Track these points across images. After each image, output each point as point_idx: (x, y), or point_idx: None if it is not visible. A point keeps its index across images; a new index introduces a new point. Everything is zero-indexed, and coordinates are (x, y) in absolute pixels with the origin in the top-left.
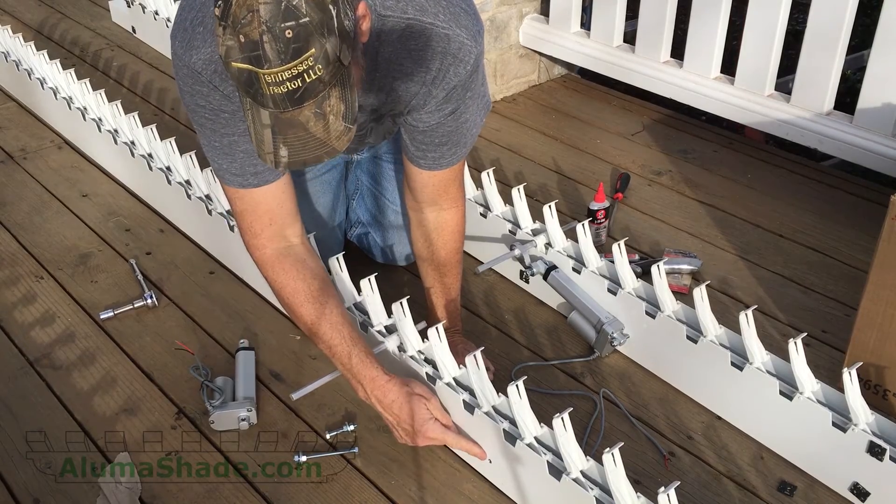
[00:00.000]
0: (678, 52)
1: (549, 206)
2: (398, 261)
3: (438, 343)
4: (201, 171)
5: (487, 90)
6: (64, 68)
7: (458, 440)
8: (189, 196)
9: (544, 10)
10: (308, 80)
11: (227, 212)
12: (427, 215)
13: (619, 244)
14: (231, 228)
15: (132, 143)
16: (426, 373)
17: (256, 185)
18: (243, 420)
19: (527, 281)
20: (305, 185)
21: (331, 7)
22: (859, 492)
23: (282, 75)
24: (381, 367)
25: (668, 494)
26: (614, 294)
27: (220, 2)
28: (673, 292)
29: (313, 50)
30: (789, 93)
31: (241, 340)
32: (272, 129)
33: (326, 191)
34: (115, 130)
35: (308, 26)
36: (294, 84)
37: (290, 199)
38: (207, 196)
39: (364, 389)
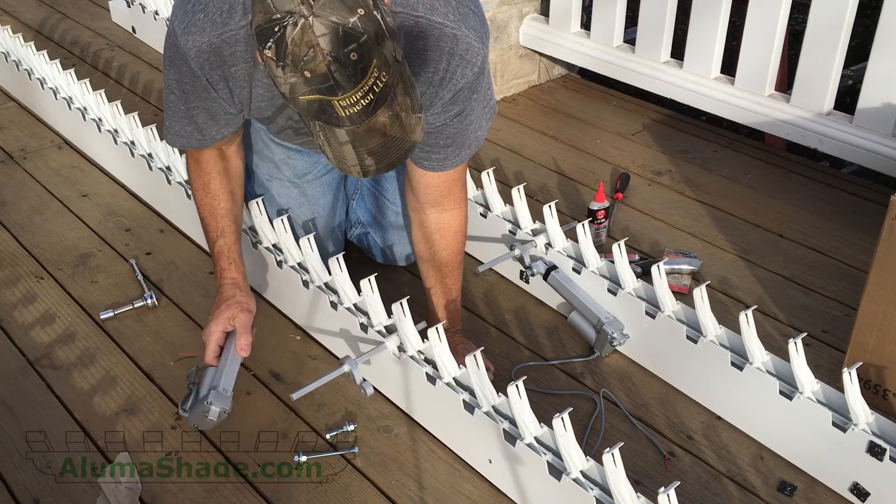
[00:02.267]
0: (678, 52)
1: (549, 206)
2: (398, 261)
3: (438, 343)
4: None
5: (493, 94)
6: (64, 68)
7: (210, 357)
8: (189, 196)
9: (544, 11)
10: (378, 90)
11: None
12: (429, 216)
13: (619, 244)
14: None
15: (132, 143)
16: (426, 373)
17: (200, 147)
18: (217, 415)
19: (527, 281)
20: (305, 187)
21: (375, 13)
22: (859, 492)
23: (355, 96)
24: (235, 264)
25: (668, 494)
26: (614, 294)
27: (270, 44)
28: (673, 292)
29: (375, 61)
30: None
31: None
32: (352, 144)
33: (327, 192)
34: (115, 130)
35: (367, 42)
36: (367, 99)
37: (233, 138)
38: None
39: (215, 276)
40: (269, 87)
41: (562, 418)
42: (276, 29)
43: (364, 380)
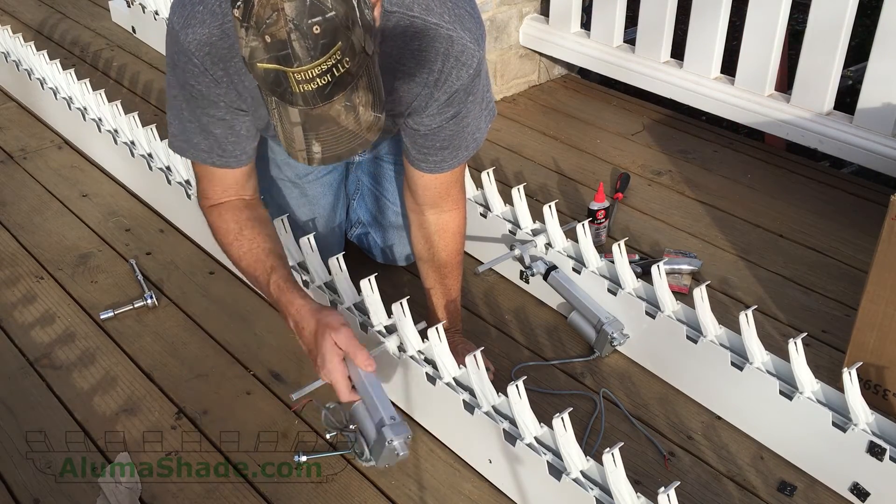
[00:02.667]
0: (678, 52)
1: (549, 206)
2: (398, 261)
3: (438, 343)
4: None
5: (492, 96)
6: (64, 68)
7: (348, 396)
8: (189, 196)
9: (544, 11)
10: (337, 74)
11: None
12: (428, 217)
13: (619, 244)
14: None
15: (132, 143)
16: (426, 373)
17: (221, 165)
18: (405, 447)
19: (527, 281)
20: (306, 187)
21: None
22: (859, 492)
23: (312, 72)
24: (298, 292)
25: (668, 494)
26: (614, 294)
27: (239, 3)
28: (673, 292)
29: (340, 43)
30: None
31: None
32: (303, 126)
33: (327, 192)
34: (115, 130)
35: (334, 20)
36: (324, 80)
37: (249, 182)
38: None
39: (284, 315)
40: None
41: (562, 418)
42: None
43: None
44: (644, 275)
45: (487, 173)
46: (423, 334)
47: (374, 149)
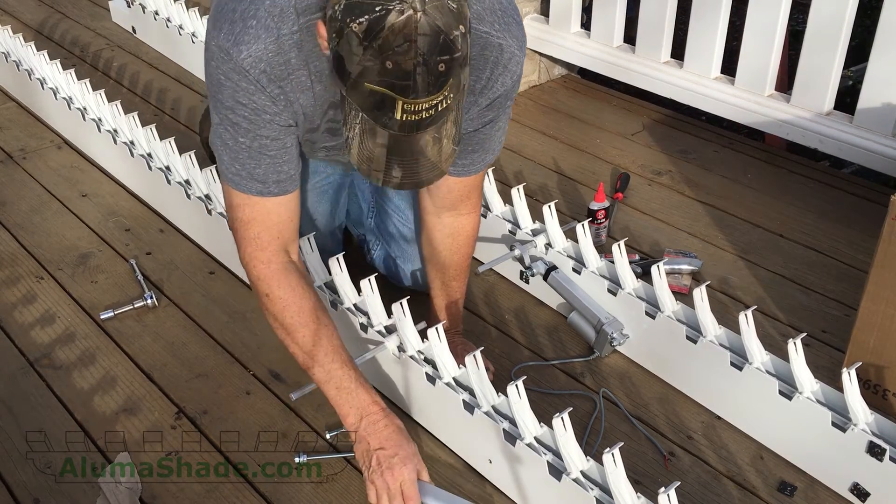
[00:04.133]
0: (678, 52)
1: (549, 206)
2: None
3: (438, 343)
4: (200, 170)
5: (504, 132)
6: (64, 68)
7: None
8: (189, 196)
9: (544, 10)
10: (440, 109)
11: None
12: (444, 220)
13: (619, 244)
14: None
15: (132, 143)
16: (426, 373)
17: (277, 193)
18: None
19: (527, 281)
20: (305, 195)
21: (469, 37)
22: (859, 492)
23: (421, 105)
24: (376, 395)
25: (668, 494)
26: (614, 294)
27: (362, 20)
28: (673, 292)
29: (452, 80)
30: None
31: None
32: (388, 150)
33: (323, 200)
34: (115, 130)
35: (457, 60)
36: (428, 113)
37: (297, 213)
38: (207, 196)
39: (357, 414)
40: (319, 94)
41: (562, 418)
42: (378, 8)
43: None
44: (644, 275)
45: (487, 173)
46: (423, 334)
47: None
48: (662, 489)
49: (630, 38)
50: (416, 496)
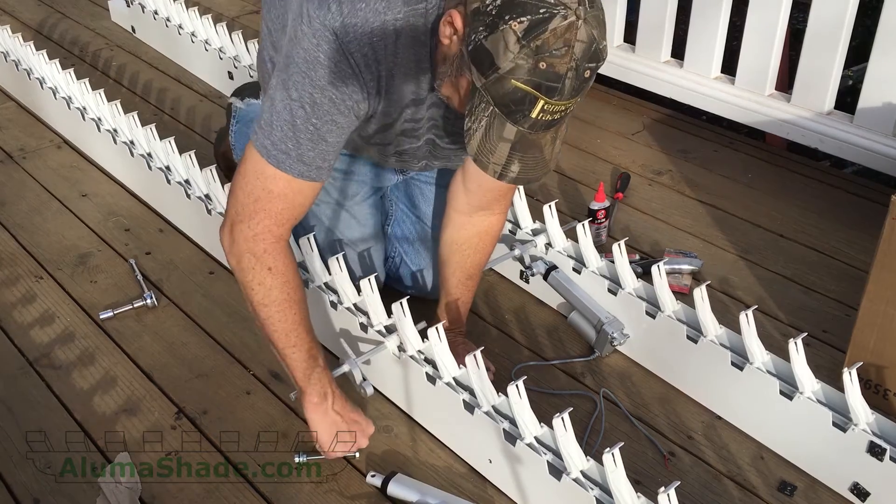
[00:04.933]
0: (678, 52)
1: (549, 206)
2: (428, 287)
3: (438, 343)
4: (200, 170)
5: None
6: (63, 68)
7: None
8: (188, 196)
9: None
10: (569, 112)
11: None
12: (475, 219)
13: (619, 244)
14: None
15: (132, 142)
16: (426, 373)
17: (314, 179)
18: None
19: (527, 281)
20: (354, 210)
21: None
22: (859, 492)
23: (560, 106)
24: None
25: (668, 494)
26: (614, 294)
27: (524, 19)
28: (673, 292)
29: (587, 87)
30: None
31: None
32: (513, 146)
33: (375, 212)
34: (115, 130)
35: (598, 67)
36: (561, 115)
37: (313, 203)
38: (207, 196)
39: (331, 397)
40: (401, 86)
41: (562, 418)
42: (543, 11)
43: (364, 380)
44: (644, 275)
45: None
46: (423, 334)
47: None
48: (662, 489)
49: (630, 38)
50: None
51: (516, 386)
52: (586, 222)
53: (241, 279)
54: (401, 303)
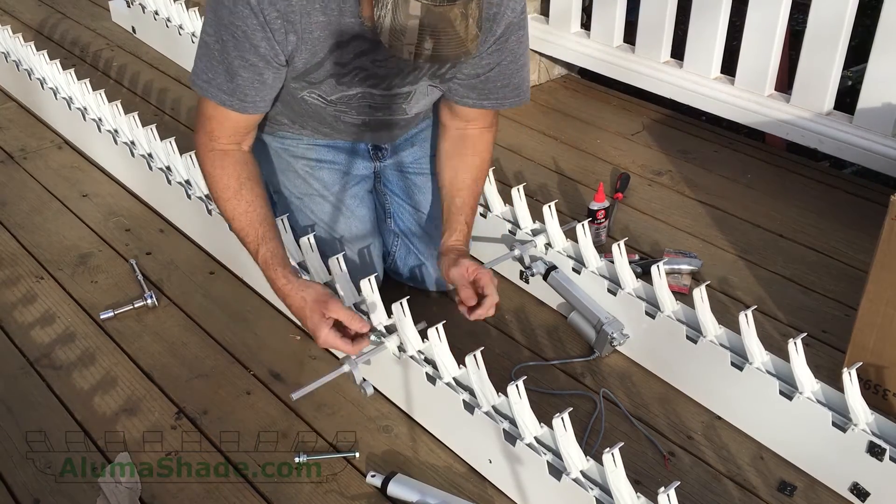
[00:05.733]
0: (678, 52)
1: (549, 206)
2: (428, 284)
3: (438, 343)
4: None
5: (528, 70)
6: (64, 68)
7: (352, 348)
8: (189, 196)
9: (544, 11)
10: None
11: None
12: (460, 125)
13: (619, 244)
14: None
15: (132, 143)
16: (426, 373)
17: (237, 109)
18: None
19: (527, 281)
20: (342, 200)
21: None
22: (859, 492)
23: None
24: (282, 268)
25: (668, 494)
26: (614, 294)
27: None
28: (673, 292)
29: None
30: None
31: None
32: (420, 22)
33: (360, 205)
34: (116, 130)
35: None
36: None
37: (254, 132)
38: (207, 196)
39: (270, 284)
40: (323, 25)
41: (562, 418)
42: None
43: (364, 380)
44: (644, 275)
45: (488, 174)
46: (423, 334)
47: (398, 159)
48: (662, 489)
49: (630, 38)
50: (333, 344)
51: (516, 386)
52: (586, 222)
53: (201, 171)
54: (401, 303)
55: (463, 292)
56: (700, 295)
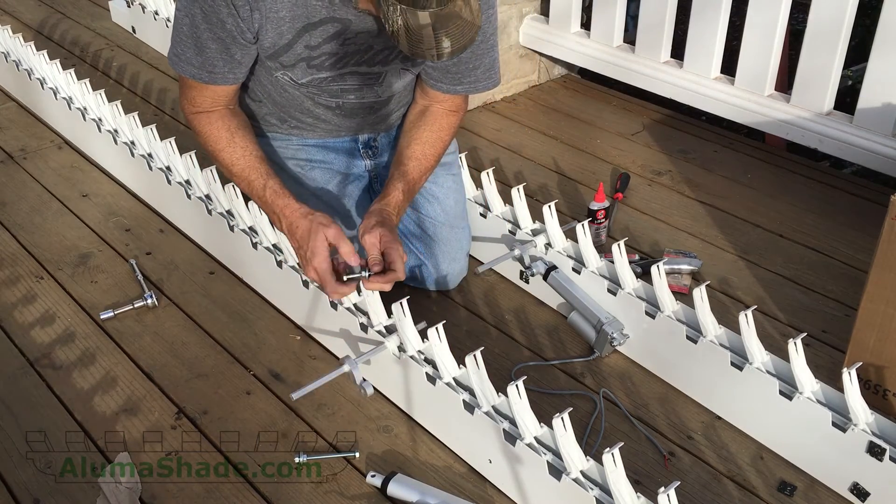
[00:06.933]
0: (678, 52)
1: (549, 206)
2: (449, 284)
3: (438, 343)
4: (201, 170)
5: (497, 50)
6: (64, 68)
7: (335, 288)
8: (189, 196)
9: (544, 10)
10: None
11: (228, 212)
12: (425, 103)
13: (619, 244)
14: (231, 228)
15: (132, 143)
16: (426, 373)
17: (206, 81)
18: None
19: (527, 281)
20: (331, 200)
21: None
22: (859, 492)
23: None
24: (293, 197)
25: (668, 494)
26: (614, 294)
27: None
28: (673, 292)
29: None
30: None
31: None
32: (433, 27)
33: (330, 178)
34: (116, 130)
35: None
36: None
37: (237, 96)
38: (207, 196)
39: (278, 218)
40: (290, 6)
41: (562, 418)
42: None
43: (364, 380)
44: (644, 275)
45: (487, 173)
46: (423, 334)
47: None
48: (662, 489)
49: (630, 38)
50: (318, 278)
51: (516, 386)
52: (586, 222)
53: (194, 134)
54: (401, 303)
55: (371, 257)
56: (700, 295)
